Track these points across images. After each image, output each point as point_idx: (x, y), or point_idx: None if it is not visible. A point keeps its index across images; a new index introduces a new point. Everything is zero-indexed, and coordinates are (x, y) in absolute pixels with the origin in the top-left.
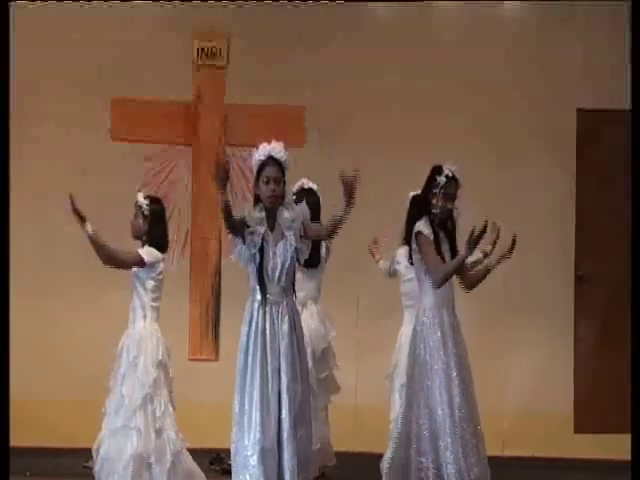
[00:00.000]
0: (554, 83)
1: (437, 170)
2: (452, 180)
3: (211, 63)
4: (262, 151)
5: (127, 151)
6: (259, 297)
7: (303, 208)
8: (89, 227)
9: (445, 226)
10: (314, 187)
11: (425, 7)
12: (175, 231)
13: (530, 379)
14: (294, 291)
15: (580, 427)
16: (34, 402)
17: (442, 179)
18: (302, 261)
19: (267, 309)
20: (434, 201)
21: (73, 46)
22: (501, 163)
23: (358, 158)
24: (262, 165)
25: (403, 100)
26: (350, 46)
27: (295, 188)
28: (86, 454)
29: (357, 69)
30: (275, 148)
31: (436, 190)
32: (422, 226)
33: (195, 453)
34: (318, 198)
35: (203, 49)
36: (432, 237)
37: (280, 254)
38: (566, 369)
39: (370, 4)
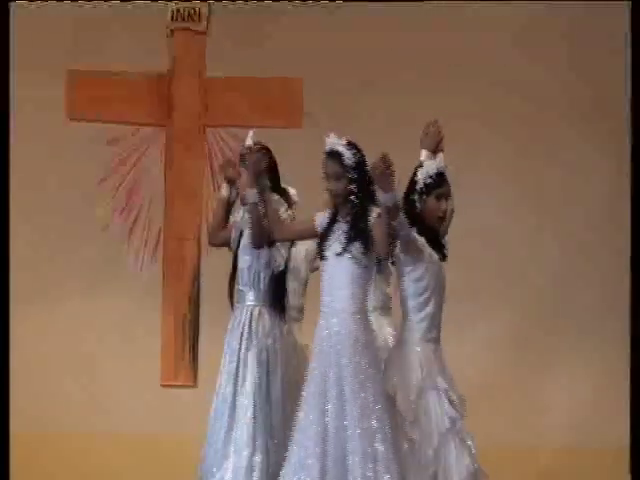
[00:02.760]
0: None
1: None
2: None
3: (189, 27)
4: None
5: (87, 134)
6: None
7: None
8: None
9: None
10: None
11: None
12: (145, 229)
13: (574, 409)
14: (280, 302)
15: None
16: None
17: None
18: (274, 269)
19: (237, 314)
20: None
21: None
22: (546, 156)
23: (364, 141)
24: None
25: (419, 79)
26: (359, 14)
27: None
28: None
29: (364, 40)
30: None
31: None
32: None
33: None
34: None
35: (179, 10)
36: (320, 228)
37: (248, 254)
38: (619, 397)
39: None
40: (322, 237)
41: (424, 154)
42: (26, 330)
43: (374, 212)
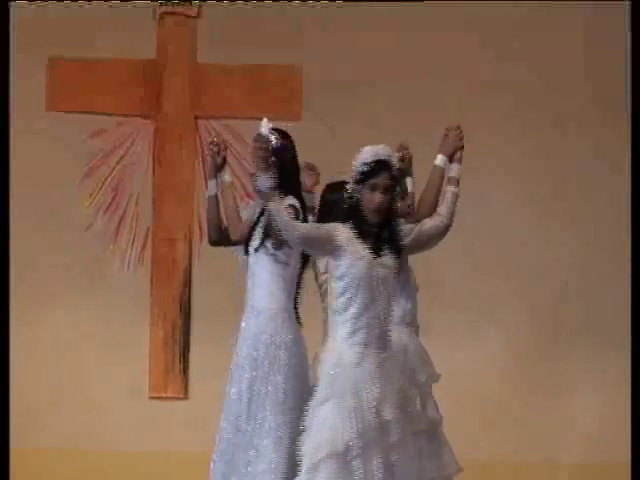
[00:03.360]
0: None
1: None
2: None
3: (179, 11)
4: None
5: (69, 125)
6: None
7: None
8: None
9: None
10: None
11: None
12: (132, 229)
13: (590, 422)
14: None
15: None
16: None
17: None
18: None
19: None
20: None
21: None
22: (558, 155)
23: (370, 136)
24: None
25: (429, 65)
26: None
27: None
28: None
29: (370, 24)
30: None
31: None
32: None
33: None
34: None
35: None
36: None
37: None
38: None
39: None
40: (249, 232)
41: (439, 159)
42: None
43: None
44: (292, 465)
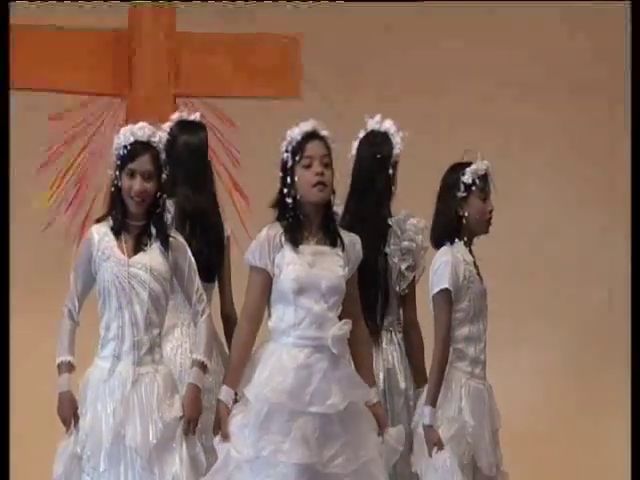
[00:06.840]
0: None
1: None
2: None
3: None
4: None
5: (23, 107)
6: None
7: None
8: None
9: None
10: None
11: None
12: None
13: None
14: None
15: None
16: None
17: None
18: None
19: None
20: None
21: None
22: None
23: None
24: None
25: (445, 32)
26: None
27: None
28: None
29: None
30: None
31: None
32: None
33: None
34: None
35: None
36: None
37: None
38: None
39: None
40: None
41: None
42: None
43: None
44: None
